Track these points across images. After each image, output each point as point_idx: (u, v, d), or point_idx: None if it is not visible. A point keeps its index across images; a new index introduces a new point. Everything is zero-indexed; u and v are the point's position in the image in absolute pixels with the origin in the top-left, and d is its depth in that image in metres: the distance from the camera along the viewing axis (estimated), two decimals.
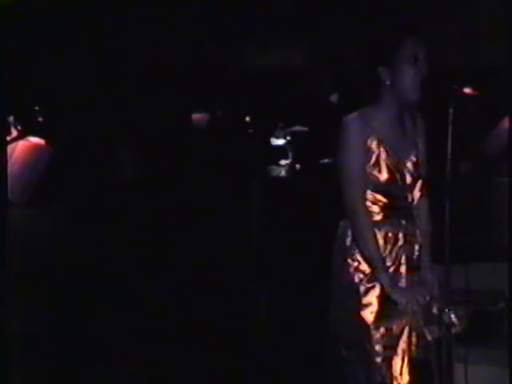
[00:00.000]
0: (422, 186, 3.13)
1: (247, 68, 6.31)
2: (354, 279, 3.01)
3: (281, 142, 5.71)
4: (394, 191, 3.06)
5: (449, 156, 3.10)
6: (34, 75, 4.86)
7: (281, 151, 5.60)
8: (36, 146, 4.26)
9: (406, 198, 3.09)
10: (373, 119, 3.03)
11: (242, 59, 6.35)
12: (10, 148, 4.08)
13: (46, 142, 4.29)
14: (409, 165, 3.07)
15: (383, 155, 3.02)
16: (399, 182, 3.06)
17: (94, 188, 4.79)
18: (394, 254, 3.03)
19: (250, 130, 5.96)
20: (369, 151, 3.01)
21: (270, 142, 5.75)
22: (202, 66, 6.03)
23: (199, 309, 4.76)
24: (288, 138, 5.66)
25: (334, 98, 5.51)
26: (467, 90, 3.12)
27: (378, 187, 3.03)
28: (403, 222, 3.06)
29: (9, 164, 3.80)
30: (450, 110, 3.10)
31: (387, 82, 2.99)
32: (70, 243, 4.37)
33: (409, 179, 3.08)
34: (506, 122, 4.64)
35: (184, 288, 4.86)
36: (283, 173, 5.51)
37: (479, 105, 3.61)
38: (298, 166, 5.51)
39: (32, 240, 4.12)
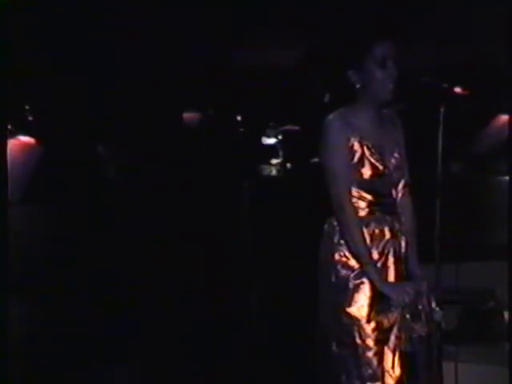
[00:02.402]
0: (405, 183, 3.16)
1: (238, 67, 6.30)
2: (342, 275, 3.03)
3: (272, 141, 5.72)
4: (378, 188, 3.09)
5: (439, 155, 3.12)
6: (24, 74, 4.85)
7: (272, 150, 5.61)
8: (26, 145, 4.25)
9: (391, 194, 3.12)
10: (352, 118, 3.06)
11: (234, 58, 6.34)
12: None
13: (36, 141, 4.29)
14: (392, 161, 3.10)
15: (366, 153, 3.05)
16: (383, 179, 3.09)
17: (84, 187, 4.79)
18: (380, 249, 3.06)
19: (241, 129, 5.97)
20: (352, 149, 3.04)
21: (261, 141, 5.76)
22: (192, 65, 6.02)
23: (189, 306, 4.76)
24: (279, 137, 5.67)
25: (325, 97, 5.51)
26: (458, 90, 3.14)
27: (363, 184, 3.06)
28: (388, 217, 3.09)
29: None
30: (441, 110, 3.12)
31: (357, 86, 3.02)
32: (60, 241, 4.36)
33: (393, 175, 3.11)
34: (496, 122, 4.66)
35: (175, 286, 4.86)
36: (274, 172, 5.52)
37: (471, 104, 3.63)
38: (288, 164, 5.52)
39: (22, 238, 4.11)
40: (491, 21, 4.85)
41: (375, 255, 3.06)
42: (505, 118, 4.52)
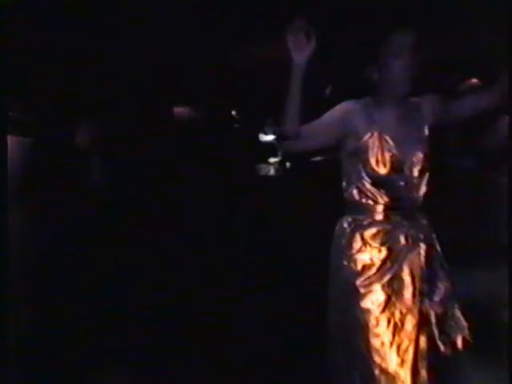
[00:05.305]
0: (427, 184, 3.01)
1: (234, 62, 6.28)
2: (351, 279, 2.99)
3: (269, 138, 5.69)
4: (396, 187, 2.96)
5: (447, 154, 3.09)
6: (19, 74, 4.82)
7: (269, 148, 5.59)
8: (25, 145, 4.23)
9: (410, 196, 2.96)
10: (374, 109, 2.95)
11: (229, 53, 6.32)
12: None
13: (36, 141, 4.27)
14: (414, 160, 2.93)
15: (385, 146, 2.92)
16: (402, 177, 2.96)
17: (77, 187, 4.76)
18: (394, 256, 2.96)
19: (237, 126, 5.94)
20: (371, 143, 2.92)
21: (258, 138, 5.73)
22: (186, 60, 6.00)
23: (189, 306, 4.76)
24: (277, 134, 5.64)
25: (326, 90, 5.50)
26: (475, 81, 3.10)
27: (379, 181, 2.93)
28: (405, 222, 2.96)
29: None
30: None
31: (375, 78, 2.94)
32: (57, 243, 4.35)
33: (413, 174, 2.95)
34: (496, 121, 4.64)
35: (175, 286, 4.85)
36: (272, 171, 5.49)
37: None
38: (287, 163, 5.49)
39: (18, 239, 4.09)
40: (491, 20, 4.83)
41: (387, 263, 2.97)
42: (505, 117, 4.51)
